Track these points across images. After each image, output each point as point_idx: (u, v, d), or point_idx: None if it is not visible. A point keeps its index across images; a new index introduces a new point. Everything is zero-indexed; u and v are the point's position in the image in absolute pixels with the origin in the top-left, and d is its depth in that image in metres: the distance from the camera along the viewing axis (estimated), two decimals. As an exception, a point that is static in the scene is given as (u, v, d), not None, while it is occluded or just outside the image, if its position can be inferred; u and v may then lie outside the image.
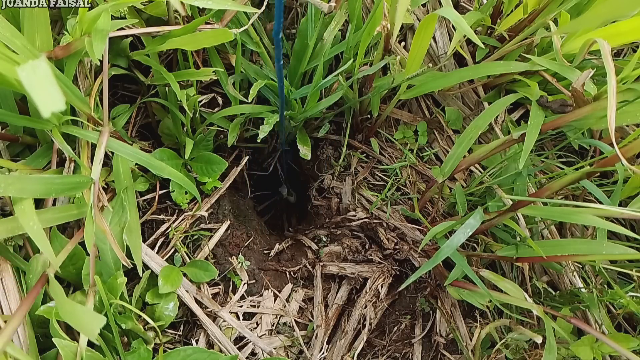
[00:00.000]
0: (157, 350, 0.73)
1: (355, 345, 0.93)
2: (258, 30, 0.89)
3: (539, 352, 0.81)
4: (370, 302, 0.95)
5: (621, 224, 0.94)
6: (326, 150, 1.06)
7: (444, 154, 1.00)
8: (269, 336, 0.91)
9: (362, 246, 1.01)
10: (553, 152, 0.96)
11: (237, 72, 0.86)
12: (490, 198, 0.83)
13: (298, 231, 1.15)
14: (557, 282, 0.90)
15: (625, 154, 0.57)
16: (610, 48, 0.60)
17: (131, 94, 0.93)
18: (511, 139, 0.74)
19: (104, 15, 0.62)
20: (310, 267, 1.01)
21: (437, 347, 0.94)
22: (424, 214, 0.95)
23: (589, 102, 0.68)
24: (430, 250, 0.91)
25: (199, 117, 0.90)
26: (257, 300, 0.93)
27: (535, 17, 0.86)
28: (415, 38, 0.75)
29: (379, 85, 0.87)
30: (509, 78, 0.92)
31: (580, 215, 0.66)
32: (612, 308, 0.89)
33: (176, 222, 0.89)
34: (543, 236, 0.90)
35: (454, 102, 1.01)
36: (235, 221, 0.98)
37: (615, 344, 0.66)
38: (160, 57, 0.86)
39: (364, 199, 1.01)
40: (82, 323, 0.56)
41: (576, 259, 0.71)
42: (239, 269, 0.94)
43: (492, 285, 0.81)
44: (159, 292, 0.78)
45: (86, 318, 0.56)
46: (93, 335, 0.53)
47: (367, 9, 0.95)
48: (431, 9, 0.99)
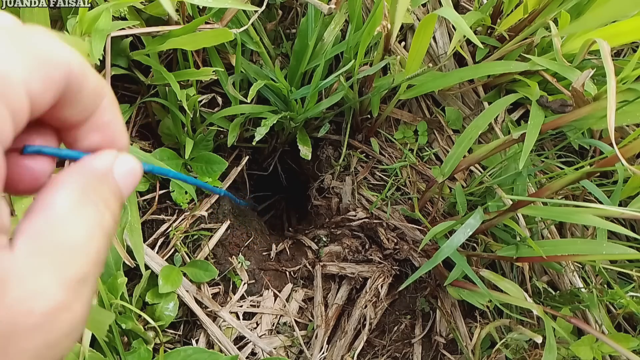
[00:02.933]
0: (158, 350, 0.73)
1: (355, 345, 0.93)
2: (258, 30, 0.89)
3: (539, 352, 0.81)
4: (370, 302, 0.95)
5: (621, 224, 0.94)
6: (326, 150, 1.06)
7: (444, 154, 1.00)
8: (269, 336, 0.91)
9: (362, 246, 1.01)
10: (553, 152, 0.96)
11: (237, 72, 0.86)
12: (490, 198, 0.83)
13: (298, 231, 1.15)
14: (557, 282, 0.90)
15: (625, 154, 0.57)
16: (610, 48, 0.60)
17: (131, 94, 0.93)
18: (511, 139, 0.74)
19: (104, 15, 0.62)
20: (310, 267, 1.01)
21: (437, 347, 0.94)
22: (424, 214, 0.95)
23: (589, 102, 0.68)
24: (430, 250, 0.91)
25: (199, 117, 0.89)
26: (257, 300, 0.93)
27: (535, 17, 0.86)
28: (415, 38, 0.75)
29: (379, 85, 0.87)
30: (509, 78, 0.92)
31: (580, 215, 0.66)
32: (612, 308, 0.89)
33: (176, 222, 0.89)
34: (543, 236, 0.90)
35: (454, 102, 1.01)
36: (235, 221, 0.98)
37: (615, 343, 0.66)
38: (160, 57, 0.86)
39: (364, 198, 1.01)
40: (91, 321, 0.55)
41: (576, 259, 0.71)
42: (239, 269, 0.94)
43: (492, 285, 0.81)
44: (159, 292, 0.78)
45: (94, 316, 0.56)
46: (103, 332, 0.52)
47: (367, 9, 0.95)
48: (431, 9, 0.99)
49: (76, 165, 0.21)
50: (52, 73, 0.19)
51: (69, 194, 0.20)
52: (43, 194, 0.20)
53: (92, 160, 0.22)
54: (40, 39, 0.19)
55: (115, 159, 0.23)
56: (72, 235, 0.19)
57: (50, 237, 0.18)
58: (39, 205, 0.19)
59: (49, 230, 0.18)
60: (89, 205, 0.20)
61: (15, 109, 0.17)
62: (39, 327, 0.17)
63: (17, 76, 0.17)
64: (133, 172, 0.23)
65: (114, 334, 0.68)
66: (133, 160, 0.23)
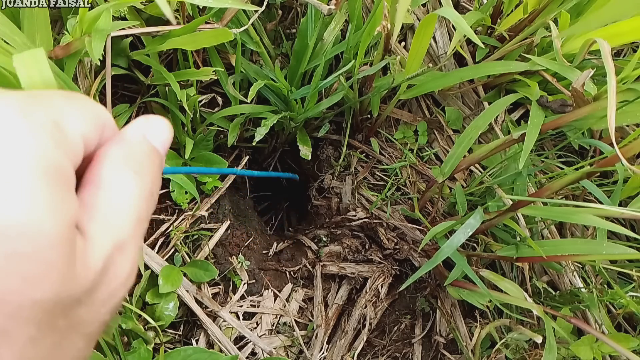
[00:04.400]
0: (158, 350, 0.73)
1: (355, 345, 0.93)
2: (258, 30, 0.89)
3: (539, 352, 0.81)
4: (370, 302, 0.95)
5: (621, 224, 0.94)
6: (326, 150, 1.06)
7: (444, 154, 1.00)
8: (269, 336, 0.91)
9: (362, 246, 1.01)
10: (553, 152, 0.96)
11: (237, 72, 0.86)
12: (490, 198, 0.83)
13: (298, 231, 1.15)
14: (557, 282, 0.90)
15: (625, 154, 0.57)
16: (610, 48, 0.60)
17: (131, 93, 0.93)
18: (511, 139, 0.74)
19: (104, 15, 0.62)
20: (310, 267, 1.01)
21: (437, 347, 0.94)
22: (424, 214, 0.95)
23: (589, 102, 0.68)
24: (430, 250, 0.91)
25: (199, 117, 0.89)
26: (257, 300, 0.93)
27: (536, 17, 0.86)
28: (415, 38, 0.75)
29: (379, 85, 0.87)
30: (509, 78, 0.92)
31: (580, 215, 0.66)
32: (612, 308, 0.89)
33: (176, 222, 0.89)
34: (543, 236, 0.90)
35: (454, 102, 1.01)
36: (235, 221, 0.98)
37: (615, 343, 0.66)
38: (160, 57, 0.86)
39: (364, 198, 1.01)
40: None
41: (576, 259, 0.71)
42: (239, 269, 0.94)
43: (492, 285, 0.81)
44: (159, 292, 0.78)
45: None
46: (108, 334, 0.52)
47: (367, 9, 0.95)
48: (431, 9, 0.99)
49: (113, 139, 0.25)
50: (98, 123, 0.24)
51: (111, 167, 0.23)
52: (91, 169, 0.23)
53: (126, 132, 0.25)
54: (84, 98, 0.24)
55: (147, 123, 0.26)
56: (119, 203, 0.22)
57: (102, 208, 0.22)
58: (88, 181, 0.23)
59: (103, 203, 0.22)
60: (130, 173, 0.23)
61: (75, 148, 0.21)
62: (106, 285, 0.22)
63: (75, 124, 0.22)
64: (164, 131, 0.27)
65: (114, 334, 0.68)
66: (161, 121, 0.27)
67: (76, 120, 0.22)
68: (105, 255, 0.21)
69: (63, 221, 0.18)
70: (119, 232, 0.22)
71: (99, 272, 0.21)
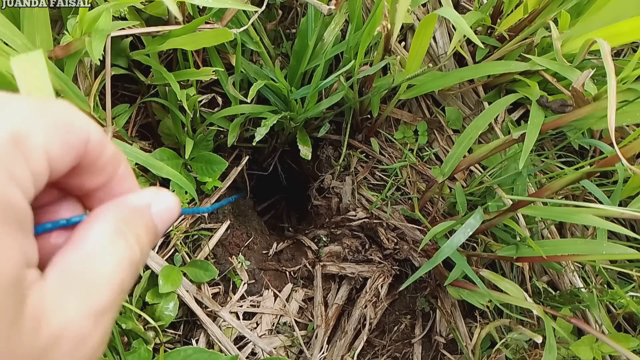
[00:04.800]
0: (158, 350, 0.73)
1: (355, 345, 0.93)
2: (258, 30, 0.89)
3: (539, 352, 0.81)
4: (370, 302, 0.95)
5: (621, 224, 0.94)
6: (326, 150, 1.06)
7: (444, 154, 1.00)
8: (269, 336, 0.91)
9: (362, 246, 1.01)
10: (553, 152, 0.96)
11: (237, 72, 0.86)
12: (490, 198, 0.83)
13: (298, 231, 1.15)
14: (557, 282, 0.90)
15: (625, 154, 0.57)
16: (610, 48, 0.60)
17: (131, 93, 0.93)
18: (511, 139, 0.74)
19: (104, 15, 0.62)
20: (310, 267, 1.01)
21: (437, 347, 0.94)
22: (424, 214, 0.95)
23: (589, 102, 0.68)
24: (430, 250, 0.92)
25: (199, 117, 0.90)
26: (257, 300, 0.93)
27: (536, 17, 0.86)
28: (415, 38, 0.75)
29: (379, 85, 0.87)
30: (509, 78, 0.92)
31: (580, 215, 0.66)
32: (612, 308, 0.89)
33: (176, 222, 0.89)
34: (543, 236, 0.90)
35: (454, 102, 1.01)
36: (235, 221, 0.98)
37: (615, 343, 0.66)
38: (160, 57, 0.86)
39: (364, 198, 1.01)
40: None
41: (576, 259, 0.71)
42: (239, 269, 0.94)
43: (492, 285, 0.81)
44: (159, 292, 0.78)
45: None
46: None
47: (367, 9, 0.95)
48: (431, 9, 0.99)
49: (115, 201, 0.23)
50: (71, 139, 0.20)
51: (102, 228, 0.21)
52: (80, 228, 0.21)
53: (130, 197, 0.24)
54: (62, 109, 0.21)
55: (154, 195, 0.25)
56: (99, 268, 0.20)
57: (78, 269, 0.20)
58: (74, 238, 0.21)
59: (79, 262, 0.20)
60: (121, 239, 0.21)
61: (35, 169, 0.19)
62: (66, 354, 0.19)
63: (38, 140, 0.19)
64: (170, 209, 0.25)
65: (114, 334, 0.68)
66: (171, 197, 0.25)
67: (43, 136, 0.19)
68: (70, 321, 0.18)
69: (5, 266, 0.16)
70: (96, 302, 0.20)
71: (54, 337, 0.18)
